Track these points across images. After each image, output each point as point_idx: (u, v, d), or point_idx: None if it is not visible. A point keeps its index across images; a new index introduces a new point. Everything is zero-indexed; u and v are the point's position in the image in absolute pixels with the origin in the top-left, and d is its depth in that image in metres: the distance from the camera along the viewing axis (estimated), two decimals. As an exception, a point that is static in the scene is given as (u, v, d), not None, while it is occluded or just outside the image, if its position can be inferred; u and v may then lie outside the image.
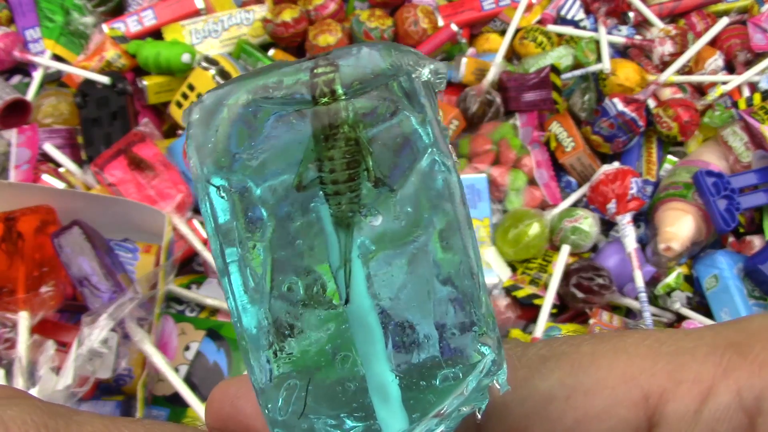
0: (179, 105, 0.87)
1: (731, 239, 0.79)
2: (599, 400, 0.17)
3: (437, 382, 0.17)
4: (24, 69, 0.94)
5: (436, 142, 0.17)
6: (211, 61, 0.86)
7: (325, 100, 0.16)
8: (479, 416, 0.17)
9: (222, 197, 0.17)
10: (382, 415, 0.16)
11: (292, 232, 0.16)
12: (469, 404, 0.17)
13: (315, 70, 0.16)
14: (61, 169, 0.82)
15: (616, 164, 0.78)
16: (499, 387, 0.17)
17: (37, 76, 0.90)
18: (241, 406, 0.20)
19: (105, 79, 0.84)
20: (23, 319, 0.61)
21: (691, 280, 0.77)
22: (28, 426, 0.17)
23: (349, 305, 0.16)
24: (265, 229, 0.16)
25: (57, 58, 0.92)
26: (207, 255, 0.73)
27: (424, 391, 0.17)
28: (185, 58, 0.86)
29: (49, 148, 0.82)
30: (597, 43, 0.90)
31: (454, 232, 0.17)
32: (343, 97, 0.16)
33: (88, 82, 0.85)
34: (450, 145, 0.17)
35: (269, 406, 0.17)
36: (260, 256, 0.17)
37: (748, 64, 0.90)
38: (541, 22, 0.94)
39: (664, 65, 0.89)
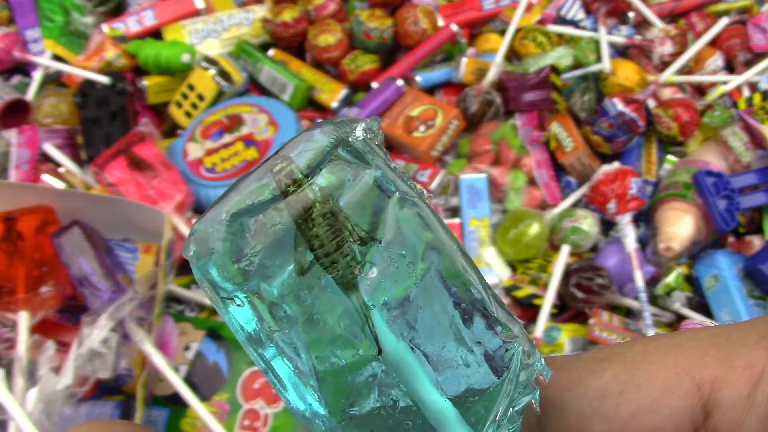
0: (179, 105, 0.87)
1: (731, 239, 0.79)
2: (652, 392, 0.18)
3: (481, 390, 0.18)
4: (24, 69, 0.94)
5: (394, 183, 0.19)
6: (211, 61, 0.86)
7: (292, 189, 0.17)
8: (537, 408, 0.18)
9: (239, 306, 0.18)
10: None
11: (315, 311, 0.18)
12: (520, 401, 0.18)
13: (274, 170, 0.18)
14: (61, 169, 0.82)
15: (616, 164, 0.78)
16: (542, 376, 0.18)
17: (37, 76, 0.90)
18: None
19: (105, 79, 0.84)
20: (23, 319, 0.61)
21: (691, 280, 0.77)
22: None
23: (383, 354, 0.18)
24: (294, 321, 0.18)
25: (57, 58, 0.92)
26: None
27: (474, 404, 0.18)
28: (185, 58, 0.86)
29: (49, 148, 0.82)
30: (597, 43, 0.90)
31: (447, 255, 0.18)
32: (306, 181, 0.18)
33: (88, 82, 0.85)
34: (411, 182, 0.19)
35: None
36: (295, 342, 0.18)
37: (748, 64, 0.90)
38: (541, 22, 0.94)
39: (664, 65, 0.90)
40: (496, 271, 0.75)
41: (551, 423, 0.19)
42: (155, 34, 0.94)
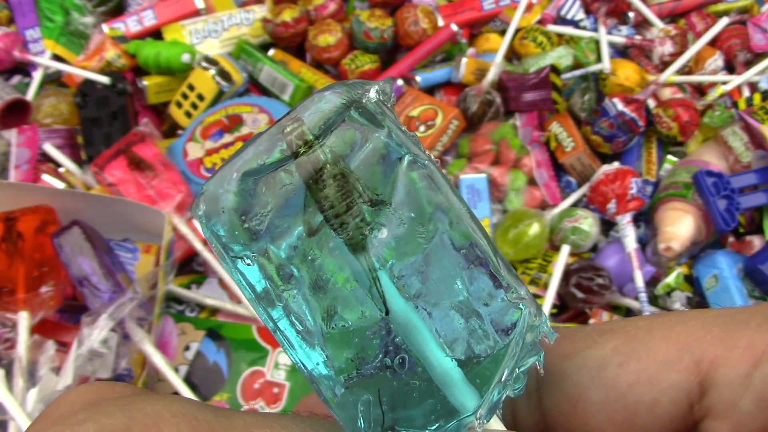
0: (179, 105, 0.87)
1: (731, 239, 0.79)
2: (652, 365, 0.18)
3: (491, 350, 0.18)
4: (24, 69, 0.94)
5: (405, 146, 0.19)
6: (211, 61, 0.86)
7: (303, 150, 0.18)
8: (541, 370, 0.18)
9: (248, 265, 0.18)
10: (454, 399, 0.18)
11: (323, 273, 0.18)
12: (525, 362, 0.18)
13: (285, 131, 0.18)
14: (61, 169, 0.82)
15: (616, 164, 0.78)
16: (547, 338, 0.18)
17: (37, 76, 0.90)
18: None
19: (105, 79, 0.84)
20: (23, 319, 0.61)
21: (691, 280, 0.77)
22: (178, 419, 0.17)
23: (390, 315, 0.18)
24: (301, 282, 0.18)
25: (57, 58, 0.92)
26: (207, 255, 0.73)
27: (481, 364, 0.18)
28: (185, 58, 0.86)
29: (49, 148, 0.82)
30: (597, 43, 0.90)
31: (456, 217, 0.19)
32: (317, 143, 0.18)
33: (88, 82, 0.85)
34: (420, 145, 0.19)
35: (354, 428, 0.18)
36: (302, 303, 0.18)
37: (748, 64, 0.90)
38: (541, 22, 0.94)
39: (664, 65, 0.90)
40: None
41: (550, 390, 0.19)
42: (155, 34, 0.94)
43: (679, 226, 0.75)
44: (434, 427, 0.18)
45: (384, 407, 0.18)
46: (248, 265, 0.18)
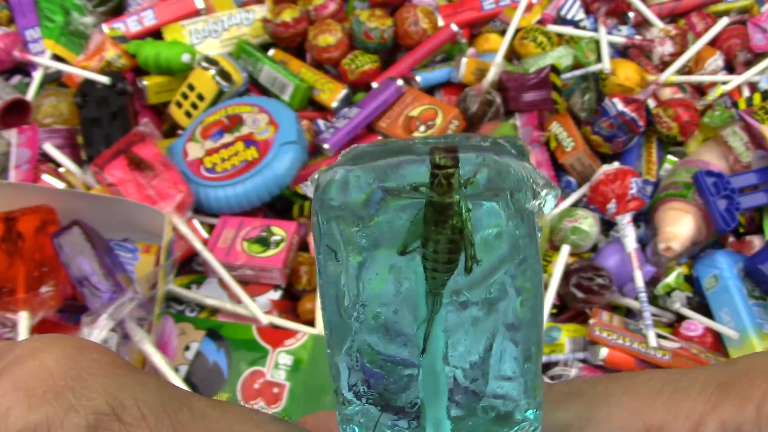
0: (179, 105, 0.87)
1: (731, 239, 0.79)
2: (608, 430, 0.20)
3: (486, 428, 0.20)
4: (24, 69, 0.94)
5: (524, 254, 0.19)
6: (211, 61, 0.86)
7: (441, 191, 0.17)
8: None
9: (333, 225, 0.19)
10: None
11: (388, 277, 0.19)
12: None
13: (437, 161, 0.17)
14: (61, 169, 0.82)
15: (616, 164, 0.78)
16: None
17: (37, 76, 0.90)
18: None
19: (105, 79, 0.84)
20: (23, 319, 0.61)
21: (691, 280, 0.77)
22: (145, 411, 0.19)
23: (424, 356, 0.19)
24: (362, 279, 0.19)
25: (57, 58, 0.92)
26: (207, 255, 0.73)
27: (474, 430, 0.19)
28: (185, 58, 0.86)
29: (49, 148, 0.82)
30: (597, 43, 0.90)
31: (529, 310, 0.19)
32: (457, 192, 0.18)
33: (88, 82, 0.85)
34: (538, 246, 0.20)
35: (347, 423, 0.20)
36: (354, 284, 0.19)
37: (748, 64, 0.90)
38: (541, 22, 0.94)
39: (664, 65, 0.89)
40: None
41: None
42: (155, 34, 0.94)
43: (679, 226, 0.75)
44: None
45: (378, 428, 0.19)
46: (333, 225, 0.19)
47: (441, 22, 0.92)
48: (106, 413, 0.18)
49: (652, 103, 0.87)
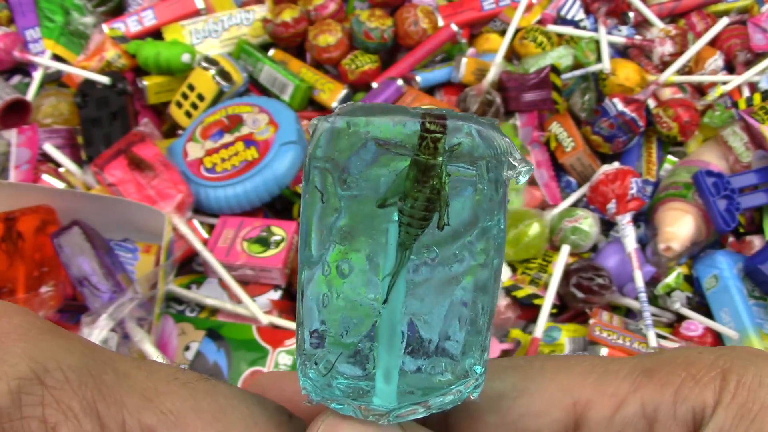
0: (179, 105, 0.87)
1: (731, 239, 0.79)
2: (539, 401, 0.22)
3: (432, 382, 0.21)
4: (24, 69, 0.94)
5: (496, 216, 0.21)
6: (211, 61, 0.86)
7: (427, 153, 0.19)
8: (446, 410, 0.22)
9: (317, 171, 0.20)
10: (380, 388, 0.21)
11: (357, 228, 0.20)
12: (448, 403, 0.21)
13: (427, 125, 0.19)
14: (61, 169, 0.82)
15: (616, 164, 0.78)
16: (474, 399, 0.22)
17: (37, 76, 0.90)
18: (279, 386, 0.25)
19: (105, 79, 0.84)
20: (23, 319, 0.61)
21: (691, 280, 0.77)
22: (67, 377, 0.19)
23: (385, 305, 0.20)
24: (337, 220, 0.20)
25: (57, 58, 0.92)
26: (207, 255, 0.73)
27: (419, 385, 0.21)
28: (185, 58, 0.86)
29: (49, 148, 0.82)
30: (597, 43, 0.90)
31: (491, 277, 0.21)
32: (442, 158, 0.19)
33: (88, 82, 0.85)
34: (505, 214, 0.22)
35: (307, 363, 0.21)
36: (331, 232, 0.21)
37: (748, 64, 0.90)
38: (541, 22, 0.94)
39: (664, 65, 0.90)
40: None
41: (454, 411, 0.22)
42: (155, 34, 0.94)
43: (679, 226, 0.75)
44: (349, 391, 0.21)
45: (333, 371, 0.21)
46: (317, 171, 0.20)
47: (441, 22, 0.92)
48: (29, 378, 0.18)
49: (652, 103, 0.87)
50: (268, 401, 0.23)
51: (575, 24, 0.95)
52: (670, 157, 0.86)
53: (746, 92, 0.87)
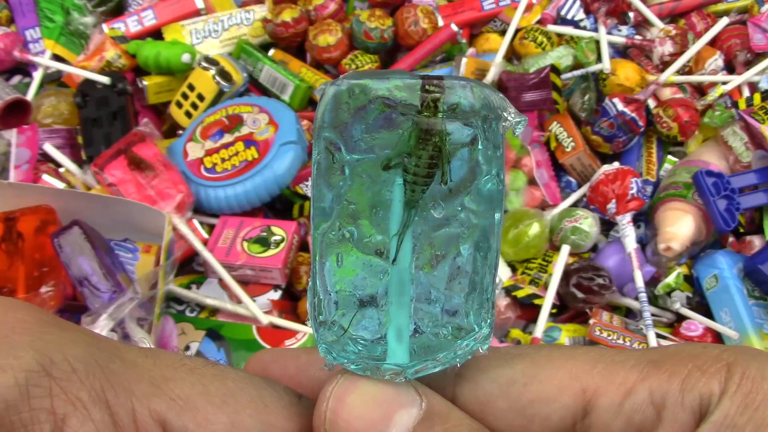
0: (179, 105, 0.87)
1: (731, 239, 0.78)
2: (549, 388, 0.23)
3: (441, 338, 0.22)
4: (24, 69, 0.94)
5: (496, 168, 0.22)
6: (211, 61, 0.86)
7: (428, 112, 0.20)
8: (458, 365, 0.23)
9: (325, 133, 0.21)
10: (392, 348, 0.22)
11: (365, 194, 0.21)
12: (459, 358, 0.22)
13: (426, 87, 0.20)
14: (61, 169, 0.82)
15: (616, 164, 0.78)
16: (482, 352, 0.22)
17: (37, 76, 0.90)
18: (270, 370, 0.25)
19: (105, 79, 0.84)
20: (23, 319, 0.61)
21: (691, 280, 0.77)
22: (77, 363, 0.19)
23: (395, 264, 0.21)
24: (345, 183, 0.21)
25: (57, 58, 0.92)
26: (207, 255, 0.73)
27: (430, 342, 0.22)
28: (185, 58, 0.86)
29: (49, 148, 0.82)
30: (597, 43, 0.90)
31: (492, 232, 0.22)
32: (442, 116, 0.20)
33: (88, 82, 0.85)
34: (503, 170, 0.23)
35: (323, 326, 0.22)
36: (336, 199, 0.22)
37: (748, 64, 0.90)
38: (541, 22, 0.94)
39: (664, 65, 0.89)
40: (496, 271, 0.75)
41: (465, 394, 0.23)
42: (155, 34, 0.94)
43: (679, 226, 0.75)
44: (364, 352, 0.22)
45: (348, 332, 0.22)
46: (323, 145, 0.21)
47: (441, 22, 0.92)
48: (35, 370, 0.18)
49: (652, 103, 0.87)
50: (276, 383, 0.23)
51: (575, 24, 0.95)
52: (670, 157, 0.86)
53: (746, 92, 0.87)
